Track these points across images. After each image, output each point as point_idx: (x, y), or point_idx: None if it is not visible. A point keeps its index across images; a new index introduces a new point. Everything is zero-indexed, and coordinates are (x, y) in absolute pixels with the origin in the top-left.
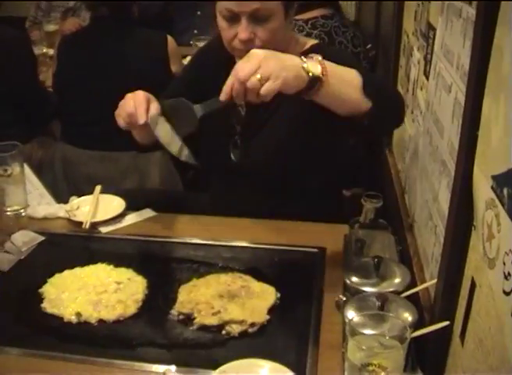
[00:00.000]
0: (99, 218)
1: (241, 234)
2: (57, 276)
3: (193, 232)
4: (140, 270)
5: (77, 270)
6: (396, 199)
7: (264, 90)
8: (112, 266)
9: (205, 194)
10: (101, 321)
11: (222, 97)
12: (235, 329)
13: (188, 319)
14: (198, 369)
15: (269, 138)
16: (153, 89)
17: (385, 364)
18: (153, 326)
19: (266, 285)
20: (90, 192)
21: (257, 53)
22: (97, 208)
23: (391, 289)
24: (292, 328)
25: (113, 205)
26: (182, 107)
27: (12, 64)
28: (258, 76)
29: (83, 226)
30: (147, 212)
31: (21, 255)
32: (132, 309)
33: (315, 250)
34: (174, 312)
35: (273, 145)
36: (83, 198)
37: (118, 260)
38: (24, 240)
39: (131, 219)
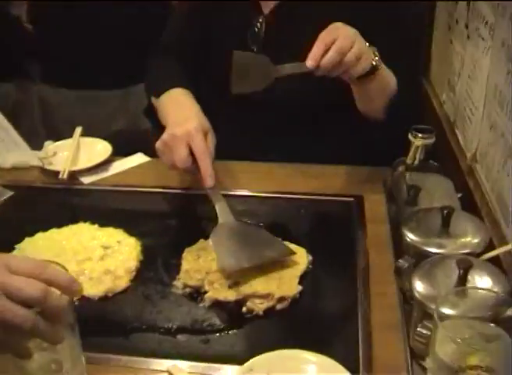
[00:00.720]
0: (80, 166)
1: (257, 182)
2: (27, 240)
3: (195, 180)
4: (132, 230)
5: (53, 232)
6: (444, 137)
7: (356, 70)
8: (96, 226)
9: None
10: (83, 298)
11: (310, 63)
12: (259, 306)
13: (197, 293)
14: (214, 363)
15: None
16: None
17: (490, 363)
18: (151, 303)
19: (293, 245)
20: (71, 136)
21: (347, 29)
22: (78, 154)
23: (466, 250)
24: (333, 303)
25: (97, 149)
26: (258, 63)
27: None
28: (354, 51)
29: (61, 176)
30: (139, 158)
31: None
32: (123, 282)
33: (350, 199)
34: (178, 284)
35: None
36: (60, 142)
37: (104, 218)
38: None
39: (119, 166)
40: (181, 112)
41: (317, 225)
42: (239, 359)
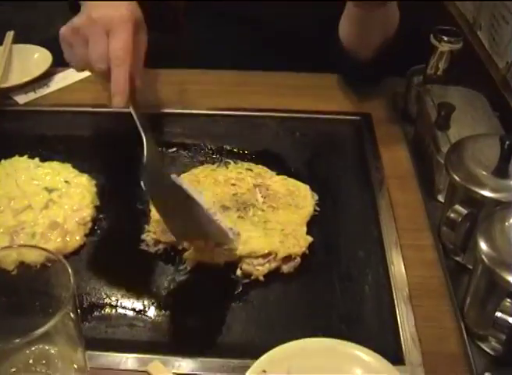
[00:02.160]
0: (13, 81)
1: (238, 96)
2: None
3: (161, 95)
4: (83, 165)
5: None
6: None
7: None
8: (37, 161)
9: (179, 39)
10: (23, 265)
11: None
12: (258, 269)
13: (174, 251)
14: (209, 358)
15: None
16: None
17: None
18: (113, 271)
19: (292, 180)
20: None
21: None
22: (10, 66)
23: None
24: (354, 259)
25: (34, 59)
26: None
27: None
28: None
29: None
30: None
31: None
32: (76, 239)
33: (356, 117)
34: (148, 239)
35: None
36: None
37: (47, 149)
38: None
39: (62, 80)
40: None
41: (317, 152)
42: (240, 350)
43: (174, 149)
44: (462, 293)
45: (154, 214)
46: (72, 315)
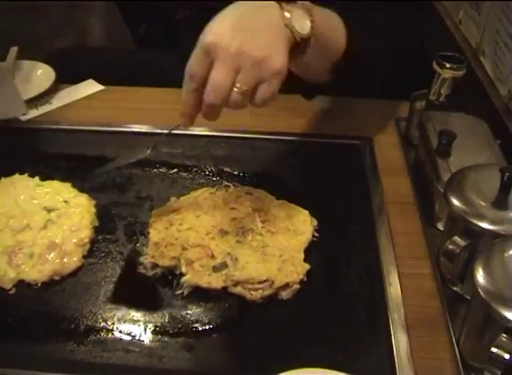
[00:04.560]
0: None
1: (238, 118)
2: None
3: (161, 115)
4: (83, 184)
5: None
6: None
7: (260, 101)
8: (37, 179)
9: (174, 56)
10: (21, 284)
11: (184, 122)
12: (253, 294)
13: (172, 275)
14: None
15: None
16: None
17: None
18: (110, 292)
19: (293, 206)
20: (4, 57)
21: (221, 48)
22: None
23: None
24: (352, 287)
25: (37, 76)
26: None
27: None
28: (239, 86)
29: None
30: (90, 85)
31: None
32: (74, 260)
33: (357, 142)
34: (146, 261)
35: None
36: None
37: (47, 168)
38: None
39: (65, 96)
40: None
41: (318, 176)
42: None
43: (175, 170)
44: (459, 324)
45: (153, 237)
46: None
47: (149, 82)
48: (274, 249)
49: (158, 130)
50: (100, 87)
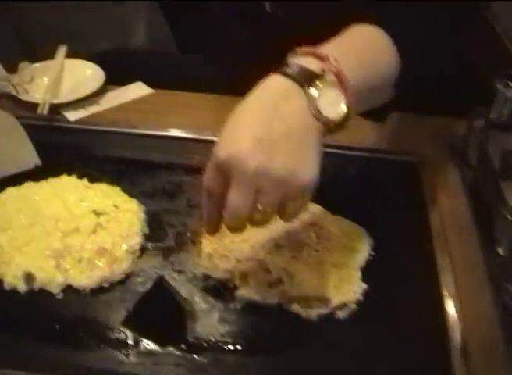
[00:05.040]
0: (65, 97)
1: None
2: None
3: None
4: (133, 189)
5: (28, 188)
6: None
7: (288, 219)
8: (85, 182)
9: (219, 63)
10: (70, 289)
11: (209, 232)
12: (310, 312)
13: (225, 288)
14: None
15: None
16: None
17: None
18: (164, 301)
19: (349, 222)
20: (52, 55)
21: (236, 168)
22: (62, 81)
23: None
24: (409, 308)
25: (86, 76)
26: None
27: None
28: (260, 209)
29: (39, 110)
30: (140, 88)
31: None
32: (124, 267)
33: (413, 159)
34: (198, 273)
35: None
36: (39, 64)
37: (96, 170)
38: None
39: (114, 98)
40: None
41: (372, 193)
42: None
43: None
44: None
45: (205, 247)
46: None
47: (192, 87)
48: (330, 266)
49: (205, 137)
50: (149, 90)
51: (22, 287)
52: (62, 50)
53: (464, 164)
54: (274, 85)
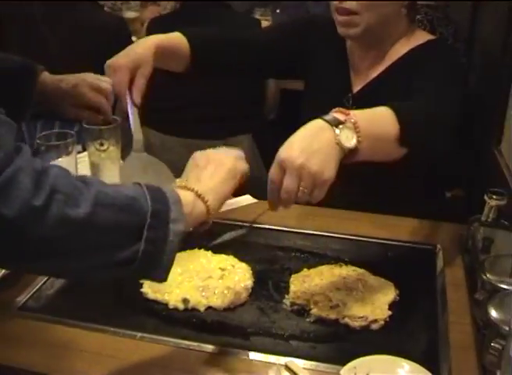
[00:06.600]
0: None
1: (346, 226)
2: None
3: (295, 220)
4: (242, 257)
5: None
6: None
7: (315, 199)
8: (210, 252)
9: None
10: (209, 308)
11: (270, 208)
12: (355, 324)
13: (303, 310)
14: (323, 363)
15: None
16: None
17: None
18: (266, 315)
19: (383, 279)
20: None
21: (290, 164)
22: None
23: None
24: (417, 326)
25: None
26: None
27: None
28: (301, 189)
29: None
30: (247, 199)
31: None
32: (242, 297)
33: (429, 247)
34: (287, 302)
35: None
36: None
37: (216, 246)
38: None
39: (229, 204)
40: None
41: (401, 265)
42: (342, 361)
43: (306, 254)
44: None
45: (293, 288)
46: None
47: None
48: (369, 300)
49: (291, 229)
50: (254, 200)
51: (180, 306)
52: None
53: (471, 249)
54: (316, 124)
